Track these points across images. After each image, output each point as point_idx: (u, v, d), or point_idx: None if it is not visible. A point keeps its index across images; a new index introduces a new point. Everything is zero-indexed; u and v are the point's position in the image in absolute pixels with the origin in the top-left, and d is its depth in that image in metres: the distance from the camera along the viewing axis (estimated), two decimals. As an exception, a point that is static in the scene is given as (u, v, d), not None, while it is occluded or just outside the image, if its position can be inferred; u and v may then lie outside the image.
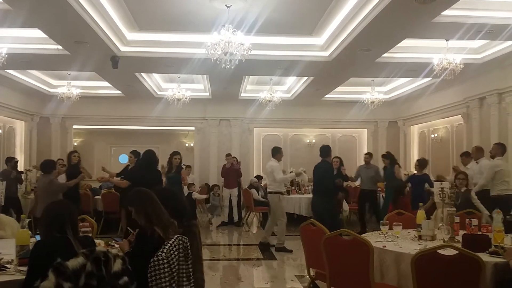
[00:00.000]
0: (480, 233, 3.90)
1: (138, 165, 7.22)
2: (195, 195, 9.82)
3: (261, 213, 10.54)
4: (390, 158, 8.51)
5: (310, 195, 8.92)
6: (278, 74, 9.82)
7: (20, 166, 10.96)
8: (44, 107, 13.13)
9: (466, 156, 8.24)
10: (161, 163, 7.65)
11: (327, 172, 7.52)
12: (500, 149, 7.39)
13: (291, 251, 7.47)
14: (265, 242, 7.76)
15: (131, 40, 7.96)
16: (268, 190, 7.92)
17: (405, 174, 10.73)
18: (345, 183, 9.32)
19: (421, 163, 8.43)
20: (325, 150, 7.54)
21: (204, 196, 10.46)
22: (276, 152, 7.85)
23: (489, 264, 3.15)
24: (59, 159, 10.33)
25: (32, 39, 7.69)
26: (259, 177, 11.83)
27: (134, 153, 7.94)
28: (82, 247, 2.59)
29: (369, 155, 9.81)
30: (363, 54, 7.94)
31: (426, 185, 7.74)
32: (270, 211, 7.98)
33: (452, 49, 7.56)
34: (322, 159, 7.54)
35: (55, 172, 6.69)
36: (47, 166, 6.45)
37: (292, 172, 8.39)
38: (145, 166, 6.55)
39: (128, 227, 3.35)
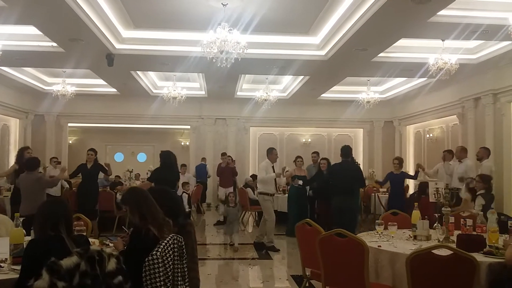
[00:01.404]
0: (474, 233, 3.92)
1: (160, 166, 7.21)
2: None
3: (256, 212, 10.52)
4: (329, 161, 8.69)
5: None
6: (274, 73, 9.82)
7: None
8: (38, 104, 13.07)
9: (449, 153, 8.75)
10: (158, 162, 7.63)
11: (359, 171, 7.53)
12: (486, 152, 8.11)
13: (278, 250, 7.46)
14: (259, 242, 7.75)
15: (126, 38, 7.93)
16: (258, 190, 8.00)
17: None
18: None
19: (401, 162, 8.72)
20: (346, 150, 7.40)
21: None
22: (268, 153, 7.85)
23: (484, 264, 3.16)
24: (53, 157, 10.32)
25: (26, 36, 7.64)
26: (254, 176, 11.82)
27: (94, 151, 7.98)
28: (76, 246, 2.58)
29: (316, 154, 9.91)
30: (359, 53, 7.95)
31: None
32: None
33: (448, 49, 7.58)
34: (344, 160, 7.32)
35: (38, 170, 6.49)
36: (32, 164, 6.24)
37: (287, 171, 8.41)
38: (166, 166, 6.57)
39: (123, 226, 3.34)
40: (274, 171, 7.73)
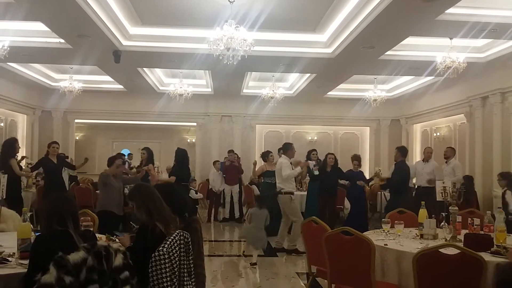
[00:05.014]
0: (482, 232, 3.90)
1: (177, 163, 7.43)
2: (192, 194, 9.36)
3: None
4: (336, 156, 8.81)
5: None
6: (280, 70, 9.80)
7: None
8: (46, 100, 13.11)
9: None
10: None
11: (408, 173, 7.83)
12: (453, 152, 8.69)
13: (303, 253, 6.79)
14: (279, 248, 7.24)
15: (133, 35, 7.94)
16: (278, 190, 7.26)
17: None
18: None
19: (359, 160, 8.95)
20: (404, 151, 7.82)
21: (200, 196, 10.38)
22: (287, 149, 7.42)
23: (491, 264, 3.14)
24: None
25: (34, 32, 7.66)
26: (259, 174, 11.82)
27: (58, 144, 8.00)
28: (83, 241, 2.59)
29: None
30: (366, 51, 7.91)
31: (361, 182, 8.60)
32: (282, 213, 7.35)
33: (456, 47, 7.52)
34: (402, 160, 7.68)
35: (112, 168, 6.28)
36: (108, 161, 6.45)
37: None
38: (181, 163, 7.01)
39: (131, 222, 3.35)
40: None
